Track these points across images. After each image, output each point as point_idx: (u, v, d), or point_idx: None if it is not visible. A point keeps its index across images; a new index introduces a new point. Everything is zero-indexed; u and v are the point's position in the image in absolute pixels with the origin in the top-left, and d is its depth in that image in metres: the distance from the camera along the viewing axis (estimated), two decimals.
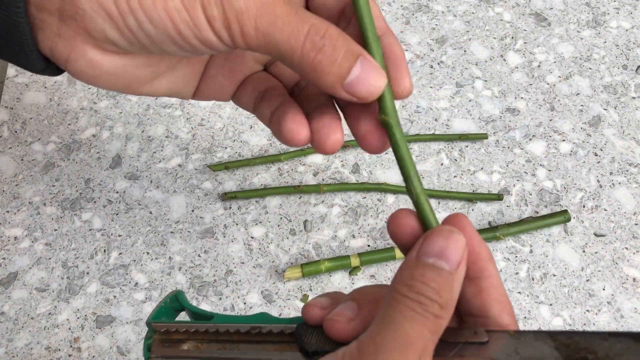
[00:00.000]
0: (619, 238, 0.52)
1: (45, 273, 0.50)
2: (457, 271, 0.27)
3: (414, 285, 0.26)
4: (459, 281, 0.27)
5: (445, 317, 0.26)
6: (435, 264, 0.27)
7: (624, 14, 0.64)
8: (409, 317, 0.26)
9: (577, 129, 0.57)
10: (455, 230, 0.27)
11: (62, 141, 0.56)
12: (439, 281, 0.26)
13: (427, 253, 0.27)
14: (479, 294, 0.29)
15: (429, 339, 0.26)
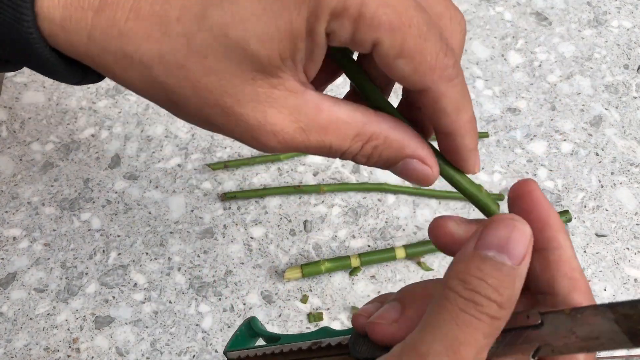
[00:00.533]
0: (620, 238, 0.51)
1: (44, 273, 0.49)
2: (521, 266, 0.23)
3: (469, 281, 0.23)
4: (521, 277, 0.24)
5: (504, 319, 0.23)
6: (495, 258, 0.23)
7: (625, 13, 0.64)
8: (461, 320, 0.23)
9: (578, 129, 0.57)
10: (519, 219, 0.24)
11: (60, 141, 0.55)
12: (499, 277, 0.23)
13: (486, 245, 0.24)
14: (546, 268, 0.26)
15: (483, 345, 0.23)
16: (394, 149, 0.28)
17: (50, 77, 0.28)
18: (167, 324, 0.48)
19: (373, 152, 0.28)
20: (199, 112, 0.27)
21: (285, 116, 0.27)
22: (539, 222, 0.26)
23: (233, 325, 0.48)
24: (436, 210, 0.52)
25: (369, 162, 0.29)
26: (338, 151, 0.28)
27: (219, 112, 0.27)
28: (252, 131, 0.27)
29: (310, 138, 0.27)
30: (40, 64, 0.27)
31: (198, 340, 0.47)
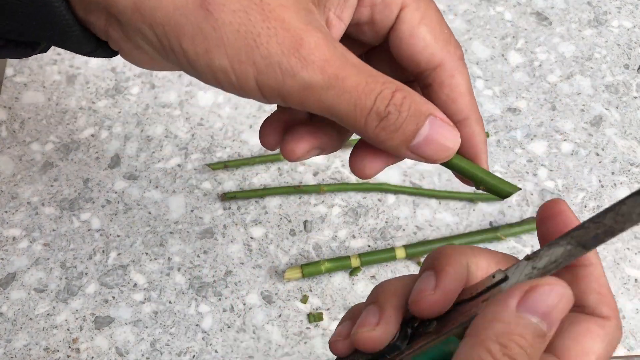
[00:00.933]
0: (620, 238, 0.51)
1: (44, 273, 0.49)
2: (551, 331, 0.23)
3: (511, 348, 0.22)
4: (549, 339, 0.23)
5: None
6: (539, 328, 0.22)
7: (626, 13, 0.64)
8: None
9: (579, 129, 0.57)
10: (566, 286, 0.23)
11: (60, 141, 0.55)
12: (537, 347, 0.22)
13: (532, 309, 0.22)
14: (576, 282, 0.26)
15: None
16: (419, 101, 0.26)
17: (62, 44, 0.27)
18: (167, 324, 0.48)
19: (404, 102, 0.26)
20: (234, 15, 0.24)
21: (322, 37, 0.25)
22: None
23: (233, 325, 0.48)
24: (436, 210, 0.52)
25: (399, 120, 0.26)
26: (370, 92, 0.25)
27: (258, 14, 0.24)
28: (290, 40, 0.25)
29: (346, 68, 0.25)
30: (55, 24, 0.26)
31: (198, 341, 0.47)
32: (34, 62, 0.59)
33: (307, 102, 0.26)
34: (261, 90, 0.26)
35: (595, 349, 0.25)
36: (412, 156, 0.27)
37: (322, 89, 0.25)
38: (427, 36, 0.27)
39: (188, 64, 0.26)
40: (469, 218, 0.52)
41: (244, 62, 0.25)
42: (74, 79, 0.58)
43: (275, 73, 0.25)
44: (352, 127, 0.26)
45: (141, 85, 0.58)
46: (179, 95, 0.58)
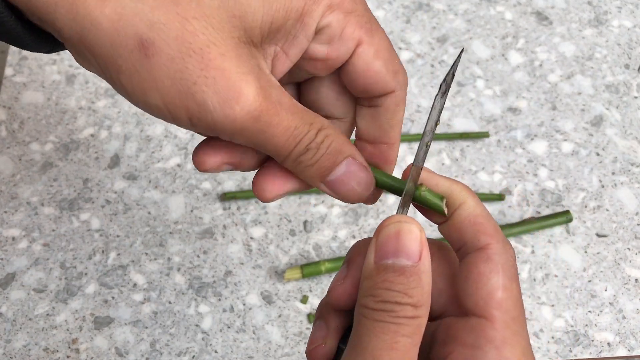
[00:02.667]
0: (621, 238, 0.51)
1: (43, 274, 0.49)
2: (422, 262, 0.25)
3: (378, 294, 0.25)
4: (427, 272, 0.25)
5: (423, 315, 0.25)
6: (395, 264, 0.25)
7: (626, 13, 0.64)
8: (379, 329, 0.24)
9: (579, 129, 0.57)
10: (404, 218, 0.26)
11: (60, 141, 0.55)
12: (404, 281, 0.25)
13: (382, 255, 0.25)
14: (454, 228, 0.28)
15: (409, 345, 0.24)
16: (341, 142, 0.28)
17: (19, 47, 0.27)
18: (167, 325, 0.47)
19: (325, 141, 0.28)
20: (172, 62, 0.25)
21: (259, 87, 0.26)
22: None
23: (233, 325, 0.48)
24: None
25: (316, 157, 0.28)
26: (298, 136, 0.27)
27: (196, 63, 0.25)
28: (228, 91, 0.25)
29: (280, 114, 0.27)
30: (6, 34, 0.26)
31: (198, 341, 0.47)
32: (33, 62, 0.59)
33: (238, 140, 0.27)
34: (194, 127, 0.27)
35: (495, 286, 0.26)
36: (327, 191, 0.29)
37: (253, 133, 0.26)
38: (382, 70, 0.29)
39: (126, 96, 0.26)
40: None
41: (178, 106, 0.26)
42: (74, 79, 0.58)
43: (207, 119, 0.26)
44: (275, 158, 0.28)
45: None
46: None
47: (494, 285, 0.26)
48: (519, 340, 0.25)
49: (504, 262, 0.26)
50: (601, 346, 0.47)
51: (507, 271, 0.26)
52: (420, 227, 0.26)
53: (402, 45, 0.61)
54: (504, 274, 0.26)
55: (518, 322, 0.26)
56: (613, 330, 0.48)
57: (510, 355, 0.25)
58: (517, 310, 0.26)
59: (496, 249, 0.26)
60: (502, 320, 0.25)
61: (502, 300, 0.25)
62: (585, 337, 0.47)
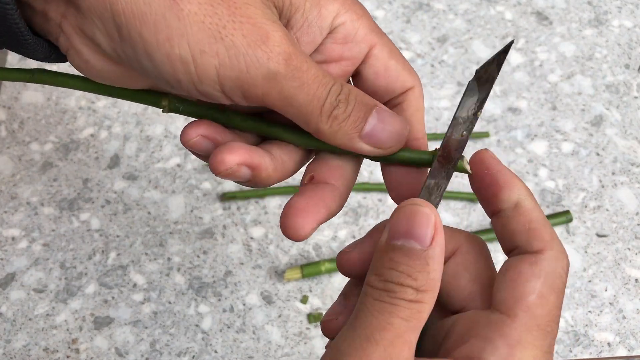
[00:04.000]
0: (621, 238, 0.51)
1: (43, 274, 0.49)
2: (432, 248, 0.25)
3: (382, 273, 0.25)
4: (437, 258, 0.25)
5: (426, 301, 0.24)
6: (404, 246, 0.25)
7: (626, 13, 0.63)
8: (376, 308, 0.24)
9: (579, 129, 0.57)
10: (420, 202, 0.26)
11: (60, 141, 0.55)
12: (410, 263, 0.24)
13: (394, 235, 0.25)
14: (506, 225, 0.27)
15: (405, 327, 0.24)
16: (363, 94, 0.28)
17: (15, 49, 0.27)
18: (167, 325, 0.47)
19: (351, 94, 0.28)
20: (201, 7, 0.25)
21: (285, 33, 0.26)
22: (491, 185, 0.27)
23: (233, 325, 0.48)
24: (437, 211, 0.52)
25: (348, 109, 0.27)
26: (327, 84, 0.27)
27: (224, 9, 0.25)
28: (256, 33, 0.25)
29: (307, 60, 0.26)
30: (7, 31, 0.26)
31: (198, 341, 0.47)
32: (33, 62, 0.59)
33: (269, 93, 0.26)
34: (221, 82, 0.26)
35: (530, 290, 0.25)
36: (366, 147, 0.28)
37: (285, 79, 0.26)
38: (398, 67, 0.30)
39: (145, 53, 0.25)
40: (469, 218, 0.52)
41: (206, 53, 0.25)
42: None
43: (240, 64, 0.25)
44: (307, 119, 0.27)
45: None
46: None
47: (529, 289, 0.25)
48: (536, 347, 0.24)
49: (550, 271, 0.25)
50: (601, 346, 0.47)
51: (549, 280, 0.25)
52: (435, 213, 0.25)
53: (402, 45, 0.61)
54: (545, 281, 0.25)
55: (542, 332, 0.25)
56: (613, 330, 0.48)
57: (521, 356, 0.24)
58: (545, 321, 0.25)
59: (547, 255, 0.26)
60: (524, 322, 0.24)
61: (532, 305, 0.25)
62: (585, 337, 0.47)
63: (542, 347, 0.24)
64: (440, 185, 0.29)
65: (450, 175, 0.29)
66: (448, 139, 0.29)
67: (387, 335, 0.24)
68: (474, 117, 0.29)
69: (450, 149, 0.29)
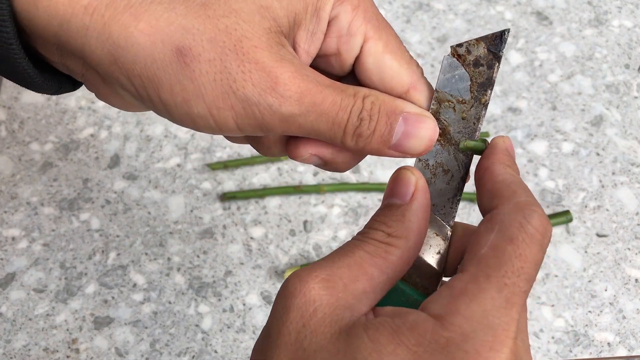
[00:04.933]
0: (621, 238, 0.51)
1: (43, 274, 0.49)
2: (412, 202, 0.26)
3: (366, 224, 0.27)
4: (414, 212, 0.26)
5: (396, 245, 0.25)
6: (388, 203, 0.27)
7: (626, 13, 0.63)
8: (347, 244, 0.26)
9: (579, 129, 0.57)
10: (405, 167, 0.27)
11: (60, 141, 0.55)
12: (388, 214, 0.26)
13: (384, 197, 0.28)
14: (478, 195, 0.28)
15: (367, 261, 0.25)
16: (389, 102, 0.28)
17: (25, 86, 0.27)
18: (167, 325, 0.47)
19: (373, 107, 0.28)
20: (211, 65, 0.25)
21: (294, 70, 0.27)
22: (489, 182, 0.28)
23: (233, 325, 0.48)
24: None
25: (371, 125, 0.28)
26: (347, 107, 0.27)
27: (233, 60, 0.26)
28: (265, 81, 0.26)
29: (322, 92, 0.27)
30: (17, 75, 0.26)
31: (198, 341, 0.47)
32: None
33: (289, 131, 0.27)
34: (241, 129, 0.27)
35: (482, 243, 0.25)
36: (397, 154, 0.29)
37: (301, 117, 0.27)
38: (393, 64, 0.29)
39: (167, 112, 0.27)
40: (469, 218, 0.52)
41: (222, 108, 0.26)
42: None
43: (255, 114, 0.26)
44: (332, 141, 0.28)
45: None
46: None
47: (481, 243, 0.24)
48: (486, 298, 0.23)
49: (505, 223, 0.24)
50: (601, 346, 0.47)
51: (504, 231, 0.24)
52: (418, 175, 0.27)
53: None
54: (499, 233, 0.24)
55: (494, 283, 0.23)
56: (613, 330, 0.48)
57: (466, 307, 0.23)
58: (500, 272, 0.23)
59: (502, 209, 0.25)
60: (471, 273, 0.24)
61: (482, 257, 0.24)
62: (585, 337, 0.47)
63: (494, 298, 0.23)
64: (448, 168, 0.29)
65: (463, 161, 0.29)
66: (434, 112, 0.29)
67: (346, 259, 0.25)
68: (475, 101, 0.29)
69: (443, 124, 0.29)
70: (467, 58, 0.29)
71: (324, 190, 0.52)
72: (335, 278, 0.24)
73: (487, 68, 0.29)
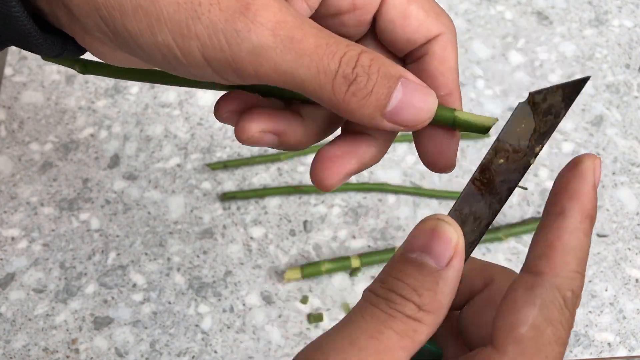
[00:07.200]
0: (621, 238, 0.51)
1: (43, 274, 0.49)
2: (448, 269, 0.22)
3: (387, 281, 0.23)
4: (449, 281, 0.22)
5: (426, 322, 0.22)
6: (417, 259, 0.23)
7: (627, 13, 0.63)
8: (369, 314, 0.22)
9: (580, 129, 0.56)
10: (445, 219, 0.23)
11: (59, 141, 0.55)
12: (418, 278, 0.22)
13: (410, 248, 0.23)
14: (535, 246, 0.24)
15: (395, 342, 0.22)
16: (388, 64, 0.24)
17: (26, 49, 0.26)
18: (167, 325, 0.47)
19: (372, 64, 0.24)
20: None
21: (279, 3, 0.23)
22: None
23: (232, 326, 0.47)
24: (437, 211, 0.52)
25: (370, 84, 0.24)
26: (336, 52, 0.23)
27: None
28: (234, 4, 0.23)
29: (303, 27, 0.23)
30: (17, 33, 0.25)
31: (197, 341, 0.47)
32: (33, 61, 0.59)
33: (262, 70, 0.23)
34: (210, 63, 0.24)
35: (522, 318, 0.22)
36: (389, 125, 0.25)
37: (275, 52, 0.23)
38: (420, 13, 0.26)
39: (135, 44, 0.24)
40: None
41: (186, 36, 0.23)
42: (73, 79, 0.58)
43: (221, 42, 0.23)
44: (318, 96, 0.24)
45: (140, 85, 0.58)
46: (178, 94, 0.58)
47: (521, 319, 0.22)
48: None
49: (548, 299, 0.22)
50: (601, 346, 0.47)
51: (546, 309, 0.22)
52: (460, 234, 0.23)
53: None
54: (540, 311, 0.22)
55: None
56: (613, 331, 0.48)
57: None
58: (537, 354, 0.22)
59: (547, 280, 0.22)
60: (511, 354, 0.22)
61: (522, 338, 0.22)
62: (585, 338, 0.47)
63: None
64: (479, 216, 0.26)
65: (496, 210, 0.26)
66: (487, 162, 0.26)
67: (373, 344, 0.22)
68: (529, 150, 0.26)
69: (491, 174, 0.26)
70: (540, 106, 0.26)
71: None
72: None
73: (554, 117, 0.26)
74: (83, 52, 0.28)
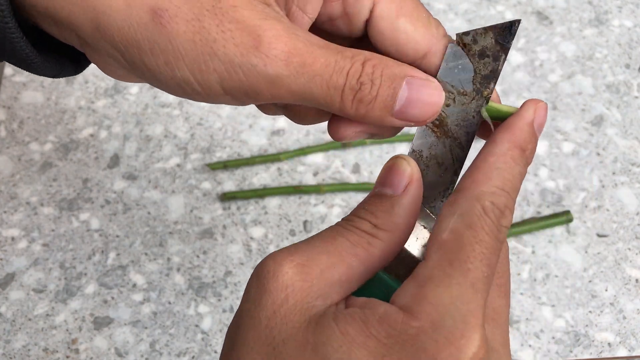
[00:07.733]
0: (621, 238, 0.51)
1: (43, 274, 0.49)
2: (403, 195, 0.25)
3: (352, 211, 0.26)
4: (404, 206, 0.25)
5: (381, 238, 0.25)
6: (379, 191, 0.26)
7: (627, 13, 0.63)
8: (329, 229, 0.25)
9: (580, 129, 0.56)
10: (401, 156, 0.26)
11: (59, 141, 0.55)
12: (377, 204, 0.25)
13: (375, 185, 0.26)
14: None
15: (347, 250, 0.24)
16: (391, 66, 0.26)
17: (25, 69, 0.27)
18: (167, 325, 0.47)
19: (375, 70, 0.25)
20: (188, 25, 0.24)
21: (281, 28, 0.25)
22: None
23: None
24: None
25: (373, 90, 0.26)
26: (342, 69, 0.25)
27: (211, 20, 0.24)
28: (247, 39, 0.24)
29: (313, 51, 0.25)
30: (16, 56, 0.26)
31: (197, 341, 0.47)
32: None
33: (278, 95, 0.25)
34: (228, 94, 0.26)
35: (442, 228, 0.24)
36: (400, 123, 0.27)
37: (290, 79, 0.25)
38: (408, 27, 0.27)
39: (153, 77, 0.26)
40: None
41: (204, 71, 0.25)
42: (73, 79, 0.58)
43: (239, 75, 0.25)
44: (330, 108, 0.26)
45: (140, 85, 0.58)
46: None
47: (442, 227, 0.24)
48: (452, 284, 0.23)
49: (468, 207, 0.24)
50: (602, 346, 0.47)
51: (465, 216, 0.24)
52: (414, 165, 0.26)
53: None
54: (459, 218, 0.24)
55: (458, 269, 0.23)
56: (613, 331, 0.48)
57: (434, 293, 0.22)
58: (462, 256, 0.23)
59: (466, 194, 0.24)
60: (435, 259, 0.23)
61: (443, 243, 0.23)
62: (585, 338, 0.47)
63: (460, 284, 0.23)
64: (442, 161, 0.27)
65: (458, 155, 0.27)
66: None
67: (325, 245, 0.24)
68: (477, 94, 0.27)
69: (441, 116, 0.27)
70: (472, 48, 0.27)
71: (324, 190, 0.52)
72: (311, 264, 0.24)
73: (492, 60, 0.27)
74: (80, 72, 0.29)
